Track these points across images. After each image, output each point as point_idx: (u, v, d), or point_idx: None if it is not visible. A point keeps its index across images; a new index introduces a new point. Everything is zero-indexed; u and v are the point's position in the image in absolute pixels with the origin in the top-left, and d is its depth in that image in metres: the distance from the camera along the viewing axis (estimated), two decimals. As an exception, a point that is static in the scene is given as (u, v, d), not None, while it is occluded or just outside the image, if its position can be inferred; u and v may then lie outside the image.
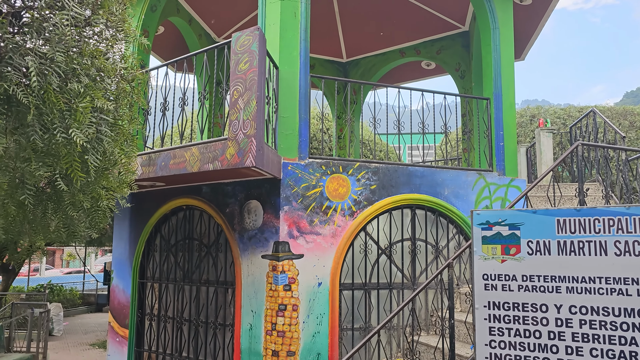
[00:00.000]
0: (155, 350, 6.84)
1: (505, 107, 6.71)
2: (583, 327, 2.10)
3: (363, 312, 5.91)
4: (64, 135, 2.03)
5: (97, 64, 2.16)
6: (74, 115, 2.03)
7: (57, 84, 1.89)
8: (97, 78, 2.19)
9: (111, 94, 2.47)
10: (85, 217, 3.16)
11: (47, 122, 1.97)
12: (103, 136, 2.30)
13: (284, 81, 5.77)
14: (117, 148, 2.58)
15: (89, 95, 2.12)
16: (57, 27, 1.92)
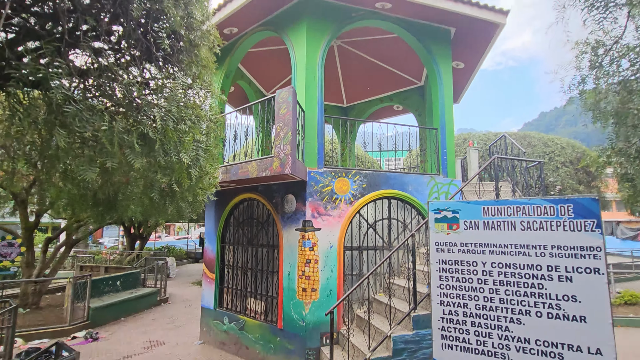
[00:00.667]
0: (231, 287, 6.88)
1: (447, 134, 6.61)
2: (500, 275, 2.08)
3: (358, 264, 5.87)
4: (176, 157, 2.07)
5: (195, 112, 2.20)
6: (183, 145, 2.07)
7: (172, 125, 1.93)
8: (195, 121, 2.22)
9: (204, 130, 2.51)
10: (189, 206, 3.19)
11: (167, 149, 2.01)
12: (200, 157, 2.34)
13: (307, 119, 5.76)
14: (208, 164, 2.62)
15: (191, 132, 2.15)
16: (171, 90, 1.96)
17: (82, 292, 8.05)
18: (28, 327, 7.41)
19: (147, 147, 1.91)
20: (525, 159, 5.76)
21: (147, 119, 1.85)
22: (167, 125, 1.86)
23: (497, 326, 2.04)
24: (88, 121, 1.66)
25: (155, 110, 1.85)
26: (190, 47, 2.04)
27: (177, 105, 1.95)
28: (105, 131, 1.69)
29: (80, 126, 1.64)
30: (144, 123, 1.84)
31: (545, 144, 12.20)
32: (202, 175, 2.63)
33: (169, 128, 1.88)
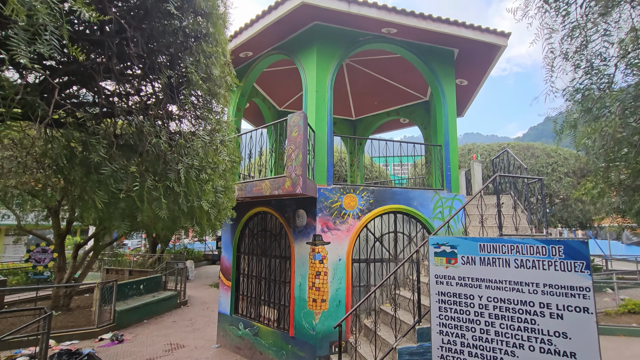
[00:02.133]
0: (246, 295, 7.00)
1: (451, 150, 6.61)
2: (495, 309, 2.13)
3: (365, 276, 5.93)
4: (198, 204, 2.19)
5: (215, 161, 2.31)
6: (204, 193, 2.19)
7: (194, 177, 2.05)
8: (214, 168, 2.34)
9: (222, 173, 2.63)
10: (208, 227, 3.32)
11: (189, 198, 2.13)
12: (218, 200, 2.46)
13: (318, 139, 5.85)
14: (225, 199, 2.74)
15: (211, 181, 2.27)
16: (193, 147, 2.07)
17: (109, 296, 8.30)
18: (60, 328, 7.68)
19: (172, 197, 2.04)
20: (526, 176, 5.72)
21: (172, 173, 1.98)
22: (189, 177, 1.98)
23: (493, 357, 2.09)
24: (122, 180, 1.80)
25: (180, 165, 1.98)
26: (209, 96, 2.17)
27: (199, 158, 2.07)
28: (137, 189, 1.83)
29: (115, 186, 1.78)
30: (170, 178, 1.97)
31: (549, 155, 12.03)
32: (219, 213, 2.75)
33: (191, 179, 2.01)
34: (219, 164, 2.33)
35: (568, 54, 2.53)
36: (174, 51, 1.85)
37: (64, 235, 9.65)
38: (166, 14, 1.91)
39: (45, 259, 9.38)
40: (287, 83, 8.98)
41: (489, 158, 12.40)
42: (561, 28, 2.57)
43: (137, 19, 1.84)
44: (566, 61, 2.58)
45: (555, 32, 2.62)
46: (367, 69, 8.57)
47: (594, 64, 2.44)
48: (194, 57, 1.87)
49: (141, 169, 1.84)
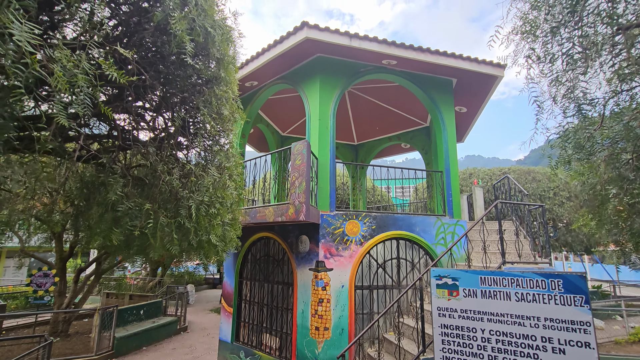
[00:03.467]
0: (247, 321, 6.91)
1: (452, 176, 6.71)
2: (498, 343, 2.14)
3: (368, 303, 5.87)
4: (206, 238, 2.27)
5: (223, 196, 2.41)
6: (212, 228, 2.27)
7: (204, 212, 2.14)
8: (223, 203, 2.43)
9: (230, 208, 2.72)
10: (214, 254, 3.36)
11: (199, 233, 2.21)
12: (227, 233, 2.54)
13: (320, 165, 5.97)
14: (232, 231, 2.81)
15: (219, 215, 2.36)
16: (204, 184, 2.18)
17: (109, 322, 8.19)
18: (57, 356, 7.54)
19: (182, 233, 2.12)
20: (528, 203, 5.78)
21: (183, 210, 2.07)
22: (200, 213, 2.07)
23: (497, 393, 2.09)
24: (136, 217, 1.89)
25: (191, 202, 2.08)
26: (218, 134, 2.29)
27: (208, 193, 2.17)
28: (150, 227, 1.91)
29: (131, 224, 1.87)
30: (181, 214, 2.06)
31: (550, 179, 12.09)
32: (226, 244, 2.81)
33: (201, 215, 2.09)
34: (227, 199, 2.42)
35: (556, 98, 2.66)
36: (187, 93, 1.99)
37: (66, 259, 9.65)
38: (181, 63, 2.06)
39: (47, 284, 9.35)
40: (291, 109, 9.23)
41: (490, 182, 12.48)
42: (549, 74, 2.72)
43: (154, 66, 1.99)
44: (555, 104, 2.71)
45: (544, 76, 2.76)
46: (368, 96, 8.82)
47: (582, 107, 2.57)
48: (205, 99, 2.00)
49: (155, 207, 1.93)
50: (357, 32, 5.84)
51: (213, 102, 2.04)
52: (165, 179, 1.92)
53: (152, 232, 1.93)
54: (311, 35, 5.65)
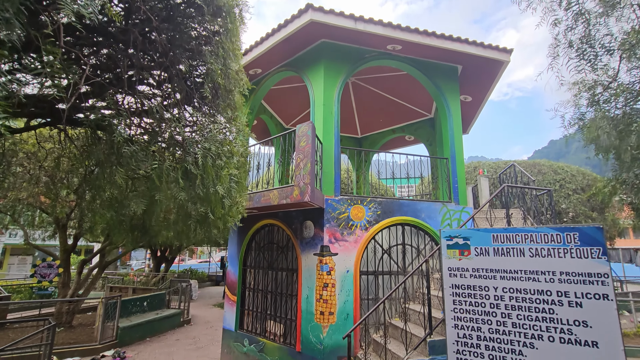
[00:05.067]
0: (251, 309, 6.87)
1: (457, 163, 6.65)
2: (511, 300, 2.09)
3: (374, 289, 5.81)
4: (213, 190, 2.23)
5: (230, 149, 2.38)
6: (219, 179, 2.23)
7: (211, 162, 2.10)
8: (230, 157, 2.39)
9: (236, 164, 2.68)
10: (219, 232, 3.32)
11: (206, 183, 2.17)
12: (232, 189, 2.50)
13: (325, 151, 5.93)
14: (238, 194, 2.77)
15: (226, 167, 2.32)
16: (211, 131, 2.15)
17: (112, 312, 8.18)
18: (62, 344, 7.52)
19: (189, 181, 2.08)
20: (535, 187, 5.70)
21: (189, 157, 2.04)
22: (206, 162, 2.03)
23: (511, 350, 2.03)
24: (142, 160, 1.86)
25: (198, 149, 2.04)
26: (225, 92, 2.26)
27: (215, 143, 2.13)
28: (155, 169, 1.88)
29: (135, 165, 1.84)
30: (187, 160, 2.02)
31: (555, 172, 11.97)
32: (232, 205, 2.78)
33: (208, 164, 2.06)
34: (234, 155, 2.38)
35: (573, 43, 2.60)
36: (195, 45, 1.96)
37: (70, 251, 9.65)
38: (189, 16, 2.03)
39: (51, 274, 9.35)
40: (294, 101, 9.20)
41: (495, 175, 12.37)
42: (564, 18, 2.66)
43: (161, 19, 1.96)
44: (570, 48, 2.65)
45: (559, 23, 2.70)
46: (372, 87, 8.78)
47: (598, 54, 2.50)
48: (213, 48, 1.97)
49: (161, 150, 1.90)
50: (362, 15, 5.81)
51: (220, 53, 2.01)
52: (171, 126, 1.89)
53: (158, 174, 1.89)
54: (316, 17, 5.62)
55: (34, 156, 6.09)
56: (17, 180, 6.44)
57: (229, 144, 2.36)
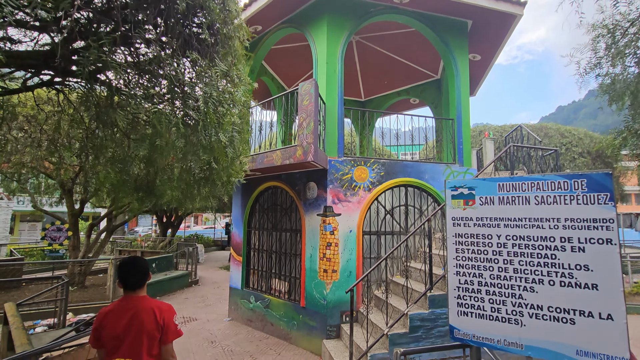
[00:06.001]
0: (256, 269, 7.09)
1: (463, 124, 6.53)
2: (514, 247, 2.11)
3: (376, 248, 5.94)
4: (215, 137, 2.19)
5: (231, 97, 2.31)
6: (221, 126, 2.19)
7: (213, 108, 2.05)
8: (231, 105, 2.33)
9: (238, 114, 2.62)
10: (222, 187, 3.34)
11: (207, 130, 2.13)
12: (234, 138, 2.47)
13: (328, 111, 5.83)
14: (240, 146, 2.74)
15: (228, 115, 2.27)
16: (212, 77, 2.07)
17: (123, 273, 8.46)
18: (76, 302, 7.88)
19: (190, 128, 2.05)
20: (541, 147, 5.63)
21: (190, 102, 1.99)
22: (208, 108, 1.98)
23: (511, 294, 2.08)
24: (141, 104, 1.81)
25: (199, 94, 1.98)
26: (225, 39, 2.16)
27: (217, 89, 2.07)
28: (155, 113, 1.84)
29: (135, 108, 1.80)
30: (189, 105, 1.97)
31: (562, 135, 11.76)
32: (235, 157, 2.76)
33: (209, 110, 2.01)
34: (236, 103, 2.32)
35: None
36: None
37: (77, 215, 9.84)
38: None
39: (60, 237, 9.61)
40: (296, 61, 8.90)
41: (501, 139, 12.21)
42: None
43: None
44: None
45: None
46: (377, 46, 8.44)
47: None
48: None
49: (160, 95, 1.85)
50: (368, -36, 5.45)
51: None
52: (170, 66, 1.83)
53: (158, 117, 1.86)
54: (318, -34, 5.28)
55: (33, 119, 6.04)
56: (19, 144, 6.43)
57: (230, 91, 2.29)
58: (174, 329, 2.22)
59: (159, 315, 2.18)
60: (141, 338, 2.10)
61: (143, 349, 2.10)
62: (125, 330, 2.10)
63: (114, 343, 2.10)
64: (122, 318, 2.14)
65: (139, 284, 2.31)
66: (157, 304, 2.26)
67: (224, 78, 2.15)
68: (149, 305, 2.21)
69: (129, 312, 2.16)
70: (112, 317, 2.16)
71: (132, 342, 2.09)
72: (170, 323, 2.21)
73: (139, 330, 2.11)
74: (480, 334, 2.15)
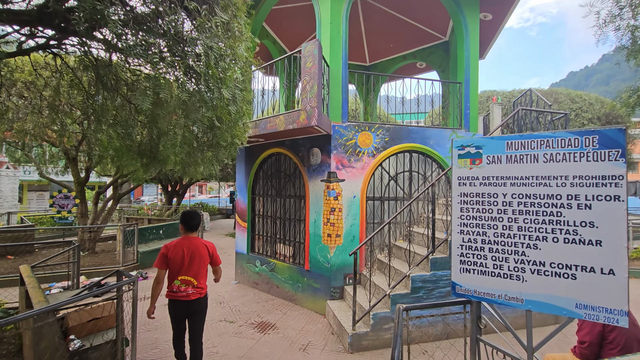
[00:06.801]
0: (261, 234, 7.23)
1: (471, 87, 6.35)
2: (519, 205, 2.10)
3: (379, 214, 6.00)
4: (218, 93, 2.14)
5: (233, 52, 2.23)
6: (224, 81, 2.13)
7: (214, 61, 1.98)
8: (234, 61, 2.26)
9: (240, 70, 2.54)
10: (225, 151, 3.32)
11: (210, 84, 2.08)
12: (237, 96, 2.41)
13: (332, 74, 5.67)
14: (243, 105, 2.69)
15: (231, 69, 2.20)
16: (212, 28, 1.99)
17: (131, 238, 8.70)
18: (87, 267, 8.17)
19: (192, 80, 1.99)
20: (551, 110, 5.48)
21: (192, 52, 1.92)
22: (209, 60, 1.92)
23: (514, 251, 2.11)
24: (141, 55, 1.76)
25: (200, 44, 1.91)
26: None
27: (218, 42, 1.99)
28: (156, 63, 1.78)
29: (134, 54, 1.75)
30: (188, 57, 1.91)
31: (573, 100, 11.43)
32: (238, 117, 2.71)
33: (211, 63, 1.94)
34: (238, 58, 2.25)
35: None
36: None
37: (83, 183, 9.94)
38: None
39: (68, 205, 9.78)
40: (299, 23, 8.54)
41: (509, 105, 11.91)
42: None
43: None
44: None
45: None
46: (384, 5, 8.03)
47: None
48: None
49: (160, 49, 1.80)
50: None
51: None
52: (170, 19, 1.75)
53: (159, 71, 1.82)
54: None
55: (32, 85, 5.95)
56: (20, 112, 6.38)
57: (232, 45, 2.20)
58: (218, 256, 3.45)
59: (209, 248, 3.37)
60: (199, 262, 3.23)
61: (199, 270, 3.23)
62: (186, 257, 3.18)
63: (178, 266, 3.16)
64: (184, 249, 3.20)
65: (195, 227, 3.37)
66: (205, 242, 3.41)
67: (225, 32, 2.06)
68: (201, 242, 3.34)
69: (189, 246, 3.23)
70: (177, 248, 3.21)
71: (191, 265, 3.19)
72: (215, 252, 3.42)
73: (197, 257, 3.22)
74: (482, 290, 2.20)
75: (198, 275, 3.21)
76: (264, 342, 4.62)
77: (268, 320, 5.37)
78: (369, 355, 4.25)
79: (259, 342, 4.62)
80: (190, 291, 3.19)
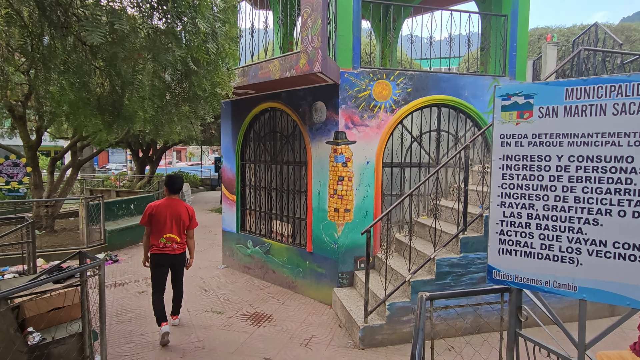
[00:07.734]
0: (254, 209, 7.28)
1: (520, 22, 6.07)
2: (578, 170, 2.03)
3: (399, 184, 5.97)
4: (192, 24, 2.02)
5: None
6: (198, 8, 2.00)
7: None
8: None
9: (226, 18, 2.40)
10: (205, 102, 3.24)
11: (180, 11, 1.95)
12: (218, 30, 2.29)
13: (340, 6, 5.42)
14: (226, 43, 2.57)
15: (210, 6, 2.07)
16: None
17: (96, 215, 8.82)
18: (46, 247, 8.36)
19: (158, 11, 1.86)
20: (622, 51, 5.25)
21: None
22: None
23: (568, 228, 2.07)
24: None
25: None
26: None
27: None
28: None
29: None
30: None
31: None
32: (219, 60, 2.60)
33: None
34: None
35: None
36: None
37: (35, 148, 9.96)
38: None
39: (19, 174, 9.87)
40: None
41: (567, 45, 11.44)
42: None
43: None
44: None
45: None
46: None
47: None
48: None
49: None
50: None
51: None
52: None
53: None
54: None
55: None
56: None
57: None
58: (196, 220, 4.76)
59: (189, 211, 4.67)
60: (179, 222, 4.49)
61: (180, 229, 4.52)
62: (169, 217, 4.41)
63: (161, 224, 4.39)
64: (167, 209, 4.45)
65: (178, 190, 4.65)
66: (186, 205, 4.67)
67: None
68: (182, 204, 4.59)
69: (171, 207, 4.48)
70: (161, 208, 4.44)
71: (174, 224, 4.45)
72: (194, 216, 4.73)
73: (178, 218, 4.48)
74: (525, 275, 2.19)
75: (180, 233, 4.53)
76: (259, 335, 4.77)
77: (263, 311, 5.52)
78: (383, 352, 4.38)
79: (252, 335, 4.76)
80: (175, 246, 4.49)
